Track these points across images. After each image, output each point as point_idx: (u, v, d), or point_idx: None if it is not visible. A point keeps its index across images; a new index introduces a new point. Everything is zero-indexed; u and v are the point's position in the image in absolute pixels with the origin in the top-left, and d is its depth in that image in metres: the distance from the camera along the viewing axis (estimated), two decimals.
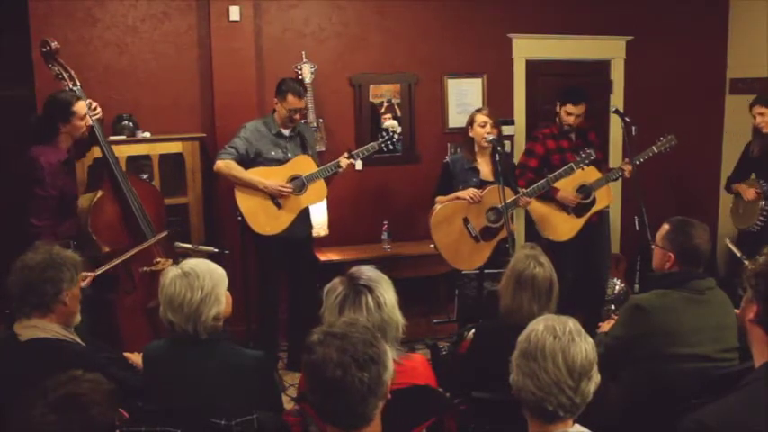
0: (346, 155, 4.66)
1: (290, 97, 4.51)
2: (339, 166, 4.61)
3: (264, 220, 4.54)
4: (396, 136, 4.84)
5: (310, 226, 4.87)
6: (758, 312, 1.91)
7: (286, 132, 4.63)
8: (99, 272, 3.85)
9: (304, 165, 4.62)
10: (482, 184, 4.66)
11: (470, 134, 4.69)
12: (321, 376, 1.73)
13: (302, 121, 4.78)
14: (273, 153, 4.58)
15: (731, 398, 1.85)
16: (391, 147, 4.87)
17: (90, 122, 3.98)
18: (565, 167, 4.65)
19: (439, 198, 4.69)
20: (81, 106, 3.90)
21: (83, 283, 3.81)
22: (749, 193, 4.97)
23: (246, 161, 4.52)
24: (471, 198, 4.55)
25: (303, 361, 1.81)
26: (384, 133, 4.87)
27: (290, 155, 4.62)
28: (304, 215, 4.71)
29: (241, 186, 4.51)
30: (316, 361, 1.75)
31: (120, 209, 4.15)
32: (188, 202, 4.98)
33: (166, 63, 5.13)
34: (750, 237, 4.88)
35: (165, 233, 4.18)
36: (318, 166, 4.63)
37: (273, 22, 5.31)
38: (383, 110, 5.60)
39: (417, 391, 2.26)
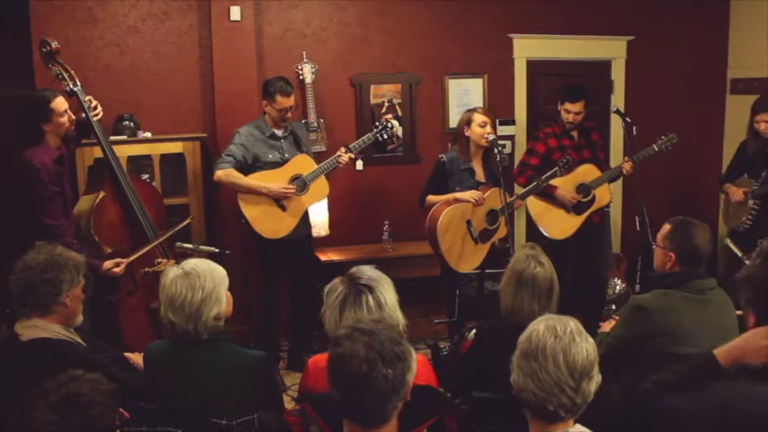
0: (344, 149, 4.66)
1: (279, 97, 4.51)
2: (338, 162, 4.61)
3: (271, 224, 4.54)
4: (389, 125, 4.82)
5: (309, 226, 4.87)
6: (756, 319, 1.92)
7: (279, 133, 4.64)
8: (132, 258, 3.98)
9: (303, 164, 4.62)
10: (477, 185, 4.66)
11: (467, 134, 4.66)
12: (346, 370, 1.73)
13: (301, 121, 4.79)
14: (271, 156, 4.57)
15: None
16: (386, 136, 4.84)
17: (73, 117, 3.94)
18: (551, 171, 4.65)
19: (431, 198, 4.67)
20: (59, 103, 3.82)
21: (117, 269, 3.87)
22: (737, 194, 5.01)
23: (245, 167, 4.51)
24: (476, 201, 4.55)
25: (328, 354, 1.81)
26: (377, 123, 4.86)
27: (287, 155, 4.62)
28: (304, 216, 4.71)
29: (243, 194, 4.50)
30: (342, 354, 1.75)
31: (122, 209, 4.15)
32: (189, 203, 4.99)
33: (167, 63, 5.13)
34: (740, 235, 4.91)
35: (190, 218, 4.44)
36: (317, 164, 4.64)
37: (274, 22, 5.31)
38: (384, 110, 5.60)
39: (418, 391, 2.25)
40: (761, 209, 4.92)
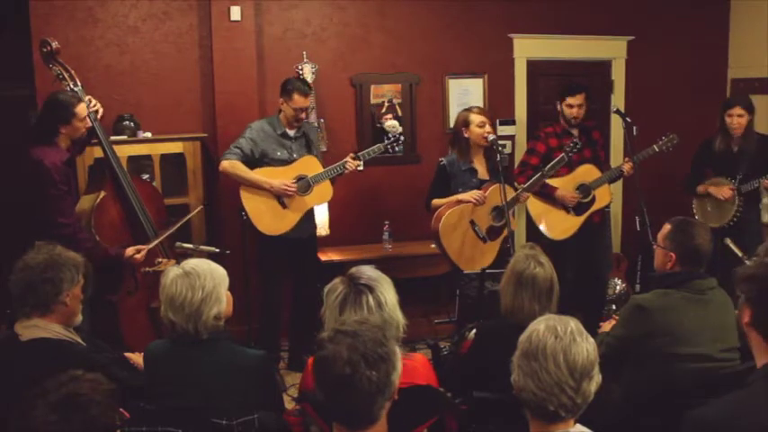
0: (352, 155, 4.66)
1: (297, 96, 4.52)
2: (345, 168, 4.61)
3: (270, 220, 4.54)
4: (402, 138, 4.84)
5: (314, 226, 4.87)
6: (752, 316, 1.91)
7: (291, 133, 4.65)
8: (152, 244, 4.01)
9: (310, 165, 4.62)
10: (481, 184, 4.65)
11: (465, 135, 4.63)
12: (330, 373, 1.73)
13: (306, 120, 4.79)
14: (279, 153, 4.59)
15: (733, 396, 1.86)
16: (397, 149, 4.89)
17: (90, 124, 3.97)
18: (557, 159, 4.61)
19: (435, 201, 4.66)
20: (82, 108, 3.88)
21: (139, 256, 3.91)
22: (725, 191, 4.98)
23: (252, 161, 4.53)
24: (477, 200, 4.53)
25: (313, 357, 1.81)
26: (390, 135, 4.87)
27: (295, 155, 4.63)
28: (308, 215, 4.71)
29: (246, 186, 4.51)
30: (325, 357, 1.75)
31: (123, 209, 4.15)
32: (189, 203, 4.98)
33: (167, 63, 5.13)
34: (722, 234, 4.83)
35: (200, 208, 4.48)
36: (324, 167, 4.64)
37: (274, 22, 5.31)
38: (384, 110, 5.60)
39: (418, 391, 2.26)
40: (744, 206, 4.95)
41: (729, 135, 5.00)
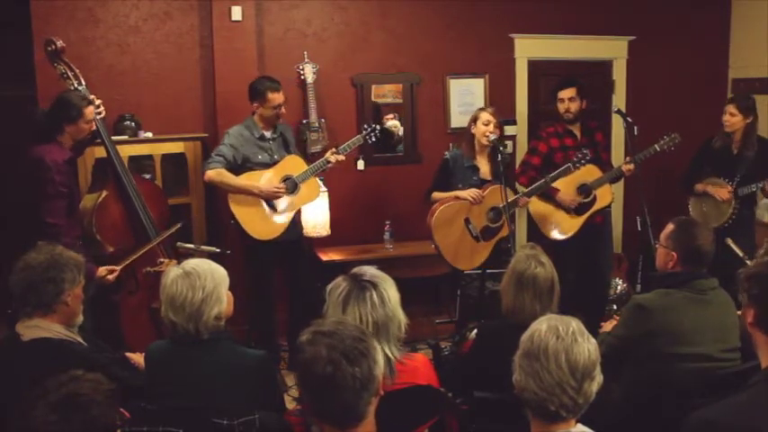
0: (334, 150, 4.66)
1: (271, 95, 4.48)
2: (328, 162, 4.60)
3: (262, 224, 4.52)
4: (377, 128, 4.80)
5: (301, 227, 4.85)
6: (756, 316, 1.91)
7: (268, 134, 4.61)
8: (123, 265, 3.91)
9: (294, 164, 4.60)
10: (482, 183, 4.65)
11: (472, 131, 4.67)
12: (312, 374, 1.73)
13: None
14: (260, 157, 4.55)
15: (737, 397, 1.85)
16: (374, 139, 4.82)
17: (94, 127, 3.97)
18: (562, 168, 4.62)
19: (435, 195, 4.68)
20: (90, 111, 3.90)
21: (111, 277, 3.85)
22: (722, 192, 4.92)
23: (235, 168, 4.48)
24: (474, 199, 4.54)
25: (295, 362, 1.81)
26: (366, 126, 4.82)
27: (276, 156, 4.60)
28: (295, 217, 4.68)
29: (233, 194, 4.49)
30: (306, 359, 1.75)
31: (125, 209, 4.15)
32: (190, 202, 4.99)
33: (168, 63, 5.13)
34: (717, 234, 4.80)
35: (179, 224, 4.27)
36: (308, 165, 4.63)
37: (275, 22, 5.31)
38: (389, 110, 5.60)
39: (419, 391, 2.26)
40: (741, 208, 4.92)
41: (729, 136, 4.97)
